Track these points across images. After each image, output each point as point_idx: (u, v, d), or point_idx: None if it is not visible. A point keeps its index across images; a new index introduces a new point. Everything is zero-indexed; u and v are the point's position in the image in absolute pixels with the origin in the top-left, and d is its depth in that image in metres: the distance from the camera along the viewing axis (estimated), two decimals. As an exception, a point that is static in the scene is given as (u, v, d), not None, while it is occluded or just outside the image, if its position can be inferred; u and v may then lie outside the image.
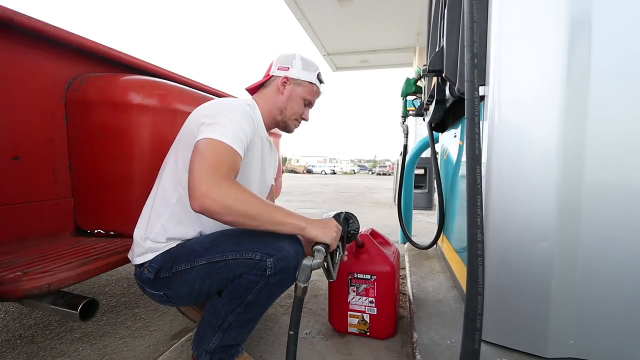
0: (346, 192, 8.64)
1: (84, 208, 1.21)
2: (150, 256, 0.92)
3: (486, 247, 0.93)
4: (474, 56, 0.69)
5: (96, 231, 1.21)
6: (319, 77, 1.13)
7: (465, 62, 0.70)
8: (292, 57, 1.10)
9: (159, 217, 0.93)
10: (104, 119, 1.15)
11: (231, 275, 0.87)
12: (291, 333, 0.80)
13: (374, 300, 1.19)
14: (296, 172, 39.94)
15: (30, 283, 0.80)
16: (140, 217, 0.98)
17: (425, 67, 1.30)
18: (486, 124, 0.93)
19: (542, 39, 0.85)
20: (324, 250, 0.85)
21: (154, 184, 1.00)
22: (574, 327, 0.85)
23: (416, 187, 4.50)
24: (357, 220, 1.05)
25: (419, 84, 2.05)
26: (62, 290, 0.86)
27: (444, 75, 1.12)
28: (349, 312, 1.23)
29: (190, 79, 1.64)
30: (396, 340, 1.22)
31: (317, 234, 0.86)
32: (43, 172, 1.11)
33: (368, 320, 1.21)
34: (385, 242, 1.38)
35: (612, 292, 0.83)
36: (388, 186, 10.88)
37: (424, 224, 3.71)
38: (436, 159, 1.85)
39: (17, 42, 1.01)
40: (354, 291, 1.21)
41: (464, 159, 1.32)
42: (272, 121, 1.12)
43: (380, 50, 7.49)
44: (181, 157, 0.93)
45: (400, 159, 2.30)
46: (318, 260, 0.83)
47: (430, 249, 1.98)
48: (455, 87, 1.08)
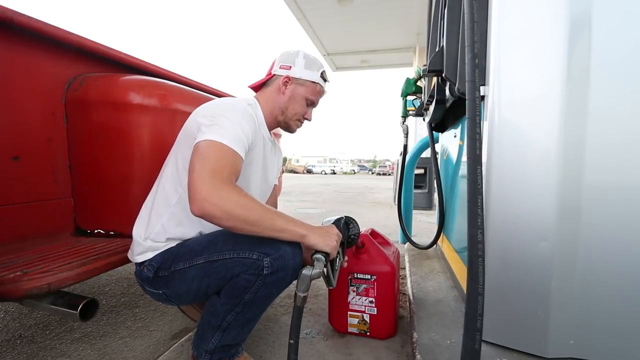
0: (346, 192, 8.63)
1: (84, 208, 1.21)
2: (149, 255, 0.92)
3: (486, 247, 0.93)
4: (475, 56, 0.69)
5: (96, 231, 1.21)
6: (322, 76, 1.09)
7: (467, 62, 0.70)
8: (295, 55, 1.07)
9: (159, 217, 0.93)
10: (104, 119, 1.15)
11: (229, 275, 0.87)
12: (291, 342, 0.80)
13: (374, 300, 1.19)
14: (296, 172, 39.94)
15: (30, 283, 0.80)
16: (139, 215, 0.98)
17: (425, 67, 1.30)
18: (486, 123, 0.93)
19: (542, 38, 0.85)
20: (323, 259, 0.85)
21: (154, 183, 1.00)
22: (574, 327, 0.85)
23: (416, 187, 4.50)
24: (357, 225, 1.04)
25: (419, 84, 2.05)
26: (62, 290, 0.87)
27: (444, 75, 1.12)
28: (349, 312, 1.23)
29: (190, 79, 1.64)
30: (396, 340, 1.22)
31: (317, 242, 0.85)
32: (43, 172, 1.11)
33: (368, 320, 1.21)
34: (385, 242, 1.38)
35: (612, 292, 0.83)
36: (388, 186, 10.88)
37: (424, 224, 3.71)
38: (436, 159, 1.85)
39: (17, 42, 1.01)
40: (354, 291, 1.21)
41: (464, 159, 1.33)
42: (274, 121, 1.10)
43: (380, 50, 7.49)
44: (181, 158, 0.93)
45: (400, 159, 2.30)
46: (317, 270, 0.82)
47: (430, 249, 1.98)
48: (455, 87, 1.08)
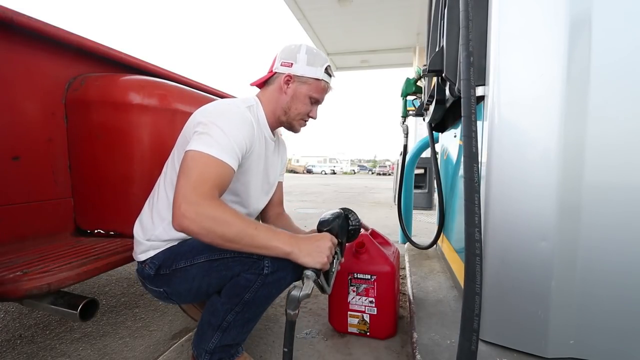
0: (346, 192, 8.63)
1: (84, 208, 1.21)
2: (151, 253, 0.93)
3: (486, 246, 0.93)
4: (470, 54, 0.69)
5: (96, 231, 1.21)
6: (327, 71, 1.02)
7: (461, 60, 0.70)
8: (297, 51, 1.00)
9: (161, 220, 0.93)
10: (104, 119, 1.15)
11: (229, 274, 0.87)
12: (285, 350, 0.79)
13: (374, 300, 1.19)
14: (296, 172, 39.94)
15: (30, 283, 0.80)
16: (140, 215, 0.98)
17: (425, 67, 1.30)
18: (486, 123, 0.93)
19: (542, 38, 0.85)
20: (314, 276, 0.81)
21: (154, 183, 1.00)
22: (574, 327, 0.85)
23: (416, 187, 4.50)
24: (357, 217, 1.01)
25: (419, 84, 2.05)
26: (62, 290, 0.87)
27: (444, 75, 1.12)
28: (349, 312, 1.23)
29: (190, 79, 1.64)
30: (396, 340, 1.22)
31: (305, 261, 0.81)
32: (43, 172, 1.11)
33: (368, 320, 1.21)
34: (385, 242, 1.38)
35: (612, 292, 0.83)
36: (388, 186, 10.87)
37: (424, 224, 3.71)
38: (436, 159, 1.85)
39: (17, 42, 1.01)
40: (354, 291, 1.21)
41: (464, 158, 1.32)
42: (277, 121, 1.06)
43: (380, 50, 7.49)
44: (178, 161, 0.92)
45: (400, 159, 2.30)
46: (306, 291, 0.78)
47: (430, 249, 1.98)
48: (455, 87, 1.08)
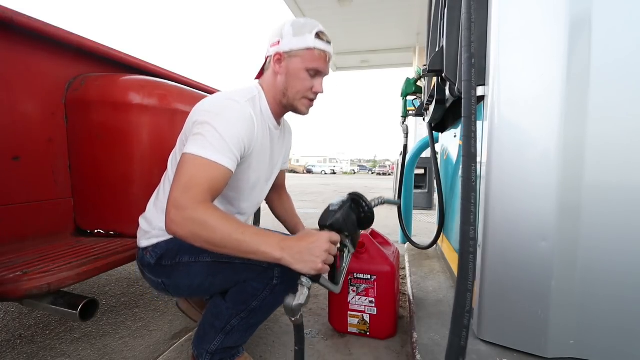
0: (346, 192, 8.62)
1: (84, 208, 1.21)
2: (154, 241, 0.91)
3: (486, 246, 0.93)
4: (472, 56, 0.69)
5: (96, 231, 1.21)
6: (319, 36, 0.91)
7: (463, 61, 0.70)
8: (282, 27, 0.92)
9: (164, 215, 0.92)
10: (104, 119, 1.15)
11: (236, 278, 0.85)
12: (296, 349, 0.77)
13: (374, 300, 1.19)
14: (296, 172, 39.94)
15: (30, 283, 0.80)
16: (146, 209, 0.97)
17: (425, 67, 1.30)
18: (486, 123, 0.93)
19: (542, 39, 0.85)
20: (309, 283, 0.74)
21: (155, 183, 1.00)
22: (574, 326, 0.85)
23: (416, 187, 4.50)
24: (368, 203, 0.88)
25: (419, 84, 2.05)
26: (62, 290, 0.87)
27: (444, 75, 1.12)
28: (349, 312, 1.23)
29: (190, 79, 1.64)
30: (396, 340, 1.22)
31: (297, 268, 0.74)
32: (43, 172, 1.11)
33: (368, 320, 1.21)
34: (385, 242, 1.38)
35: (612, 291, 0.83)
36: (388, 186, 10.87)
37: (424, 224, 3.71)
38: (436, 159, 1.85)
39: (17, 42, 1.01)
40: (354, 291, 1.21)
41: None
42: (280, 107, 0.99)
43: (380, 50, 7.49)
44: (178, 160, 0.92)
45: (400, 159, 2.30)
46: (299, 301, 0.71)
47: (430, 249, 1.98)
48: (455, 87, 1.08)
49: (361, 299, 1.20)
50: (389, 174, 32.40)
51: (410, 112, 2.12)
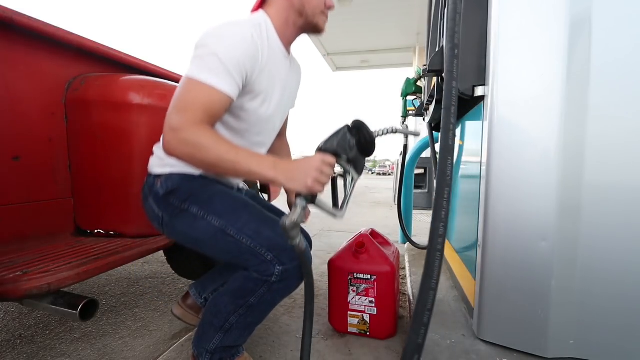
0: (346, 192, 8.61)
1: (84, 208, 1.21)
2: (168, 170, 0.90)
3: (486, 246, 0.93)
4: (455, 47, 0.69)
5: (96, 231, 1.21)
6: None
7: (445, 52, 0.70)
8: None
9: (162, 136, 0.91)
10: (103, 119, 1.15)
11: (237, 260, 0.84)
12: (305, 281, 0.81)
13: (374, 300, 1.19)
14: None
15: (30, 283, 0.80)
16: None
17: (425, 67, 1.30)
18: (486, 123, 0.93)
19: (542, 38, 0.85)
20: (303, 202, 0.72)
21: None
22: (574, 326, 0.85)
23: (416, 187, 4.49)
24: (367, 130, 0.84)
25: (419, 84, 2.05)
26: (62, 290, 0.87)
27: (444, 75, 1.12)
28: (349, 312, 1.23)
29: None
30: (396, 340, 1.22)
31: (290, 187, 0.73)
32: (43, 172, 1.11)
33: (368, 320, 1.21)
34: (385, 242, 1.38)
35: (612, 291, 0.83)
36: (388, 186, 10.87)
37: (424, 224, 3.71)
38: (436, 159, 1.84)
39: (17, 42, 1.01)
40: (354, 291, 1.21)
41: (464, 159, 1.33)
42: (293, 30, 0.95)
43: (380, 50, 7.49)
44: None
45: (400, 159, 2.31)
46: (292, 218, 0.70)
47: (430, 249, 1.98)
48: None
49: (361, 299, 1.20)
50: (389, 174, 32.39)
51: (410, 112, 2.12)
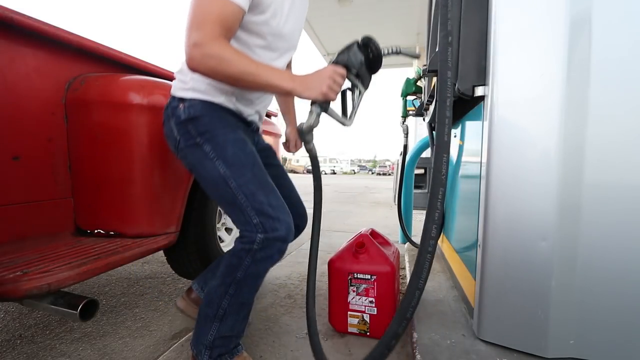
0: (346, 192, 8.63)
1: (84, 208, 1.21)
2: (190, 94, 0.93)
3: (486, 246, 0.93)
4: (448, 34, 0.67)
5: (96, 231, 1.21)
6: None
7: (439, 40, 0.68)
8: None
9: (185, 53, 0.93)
10: (104, 119, 1.15)
11: (229, 207, 0.89)
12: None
13: (374, 300, 1.19)
14: (296, 172, 39.94)
15: (30, 283, 0.80)
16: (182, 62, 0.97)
17: (425, 67, 1.30)
18: (486, 123, 0.93)
19: (542, 38, 0.85)
20: (318, 109, 0.85)
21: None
22: (574, 326, 0.85)
23: (416, 187, 4.48)
24: (376, 46, 0.93)
25: (419, 84, 2.05)
26: (62, 290, 0.87)
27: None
28: (349, 312, 1.23)
29: (190, 79, 1.63)
30: (396, 340, 1.22)
31: (306, 96, 0.84)
32: (43, 172, 1.11)
33: (368, 320, 1.21)
34: (385, 242, 1.38)
35: (612, 291, 0.83)
36: (388, 186, 10.87)
37: (424, 224, 3.70)
38: (436, 159, 1.84)
39: (17, 42, 1.01)
40: (354, 291, 1.21)
41: (464, 158, 1.33)
42: None
43: (380, 50, 7.48)
44: None
45: (400, 159, 2.31)
46: (308, 123, 0.85)
47: (430, 249, 1.98)
48: (455, 87, 1.08)
49: (361, 299, 1.20)
50: (389, 174, 32.41)
51: (410, 112, 2.13)
